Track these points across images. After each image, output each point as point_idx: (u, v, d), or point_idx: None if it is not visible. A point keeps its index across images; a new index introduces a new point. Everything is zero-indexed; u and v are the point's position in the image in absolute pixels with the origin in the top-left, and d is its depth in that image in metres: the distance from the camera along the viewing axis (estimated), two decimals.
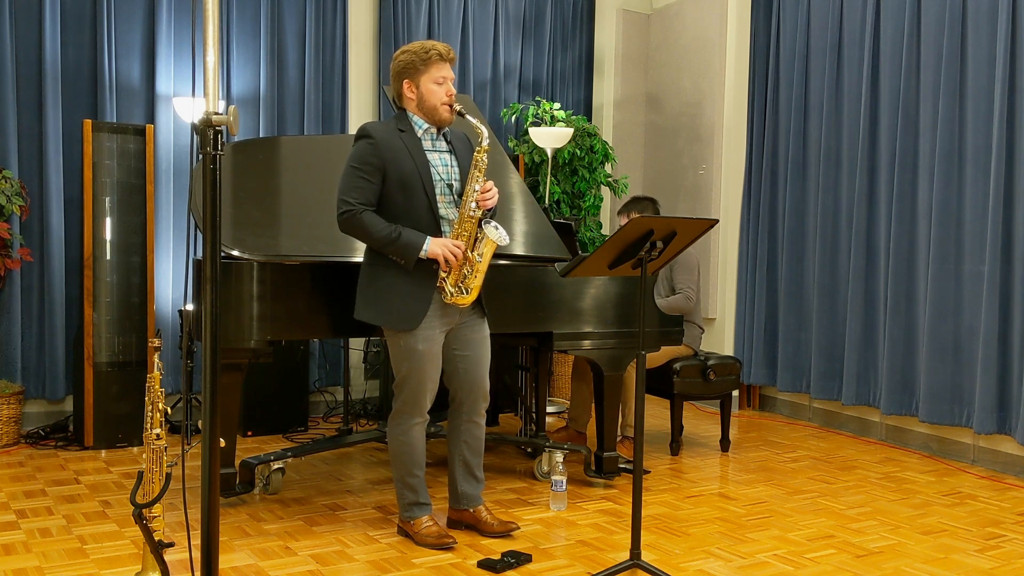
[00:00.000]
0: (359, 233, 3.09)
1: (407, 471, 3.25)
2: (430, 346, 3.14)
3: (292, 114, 5.47)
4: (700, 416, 5.76)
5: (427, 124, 3.18)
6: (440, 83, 3.13)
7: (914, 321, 4.88)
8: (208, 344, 1.90)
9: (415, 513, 3.28)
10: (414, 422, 3.23)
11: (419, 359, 3.14)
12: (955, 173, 4.65)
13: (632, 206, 4.72)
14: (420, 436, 3.25)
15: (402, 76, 3.17)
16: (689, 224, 2.99)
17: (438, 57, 3.12)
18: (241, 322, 3.44)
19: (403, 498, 3.29)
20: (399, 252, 3.06)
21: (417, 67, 3.13)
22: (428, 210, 3.11)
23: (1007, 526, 3.62)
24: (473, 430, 3.34)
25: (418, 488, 3.27)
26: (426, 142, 3.18)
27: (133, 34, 5.03)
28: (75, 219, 4.82)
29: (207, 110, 1.86)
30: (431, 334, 3.14)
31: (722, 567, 3.11)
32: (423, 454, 3.28)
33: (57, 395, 4.87)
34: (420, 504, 3.29)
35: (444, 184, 3.17)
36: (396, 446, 3.25)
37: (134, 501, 2.60)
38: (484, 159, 3.09)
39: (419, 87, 3.14)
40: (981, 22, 4.52)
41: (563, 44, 6.53)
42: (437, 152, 3.20)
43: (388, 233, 3.04)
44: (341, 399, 5.35)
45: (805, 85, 5.58)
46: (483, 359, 3.30)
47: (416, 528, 3.25)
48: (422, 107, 3.16)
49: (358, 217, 3.05)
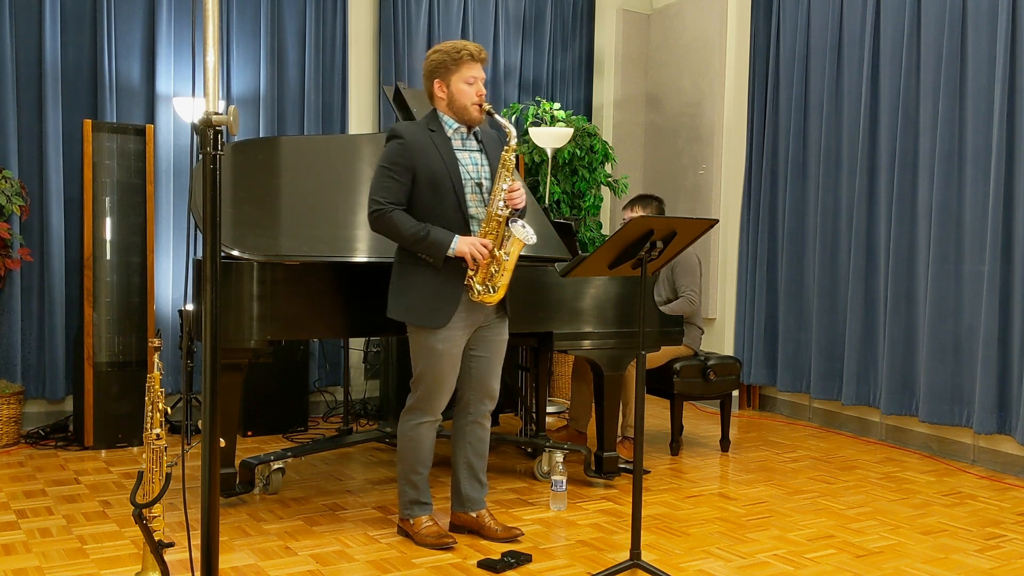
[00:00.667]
0: (389, 232, 3.10)
1: (411, 468, 3.25)
2: (450, 347, 3.14)
3: (292, 114, 5.47)
4: (700, 416, 5.76)
5: (457, 123, 3.19)
6: (471, 83, 3.13)
7: (914, 321, 4.88)
8: (208, 344, 1.90)
9: (415, 512, 3.28)
10: (424, 420, 3.22)
11: (437, 358, 3.13)
12: (955, 173, 4.65)
13: (638, 202, 4.73)
14: (428, 434, 3.25)
15: (433, 75, 3.18)
16: (689, 224, 2.99)
17: (469, 57, 3.13)
18: (241, 322, 3.44)
19: (404, 495, 3.29)
20: (427, 250, 3.06)
21: (448, 66, 3.14)
22: (457, 209, 3.12)
23: (1007, 526, 3.62)
24: (479, 432, 3.33)
25: (420, 486, 3.27)
26: (456, 141, 3.19)
27: (133, 34, 5.03)
28: (75, 219, 4.82)
29: (207, 110, 1.86)
30: (453, 335, 3.13)
31: (722, 567, 3.11)
32: (430, 453, 3.27)
33: (57, 395, 4.87)
34: (421, 503, 3.28)
35: (473, 183, 3.16)
36: (404, 441, 3.25)
37: (134, 501, 2.60)
38: (512, 158, 3.10)
39: (450, 86, 3.15)
40: (981, 22, 4.52)
41: (563, 44, 6.53)
42: (467, 151, 3.20)
43: (417, 231, 3.05)
44: (341, 399, 5.35)
45: (805, 85, 5.58)
46: (497, 362, 3.30)
47: (416, 527, 3.25)
48: (452, 106, 3.17)
49: (388, 216, 3.06)
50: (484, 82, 3.18)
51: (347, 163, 4.17)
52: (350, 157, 4.22)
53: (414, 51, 5.82)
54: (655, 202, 4.72)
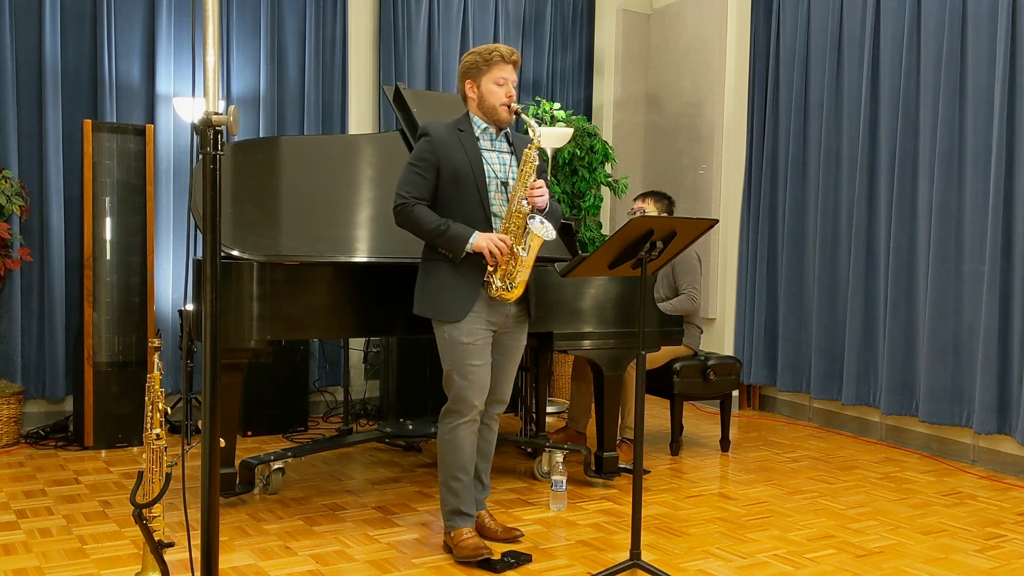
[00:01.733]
0: (411, 225, 3.11)
1: (450, 473, 3.15)
2: (475, 340, 3.10)
3: (292, 114, 5.47)
4: (700, 416, 5.76)
5: (486, 124, 3.21)
6: (501, 84, 3.15)
7: (914, 321, 4.88)
8: (208, 344, 1.90)
9: (456, 523, 3.15)
10: (460, 421, 3.13)
11: (463, 353, 3.10)
12: (955, 173, 4.65)
13: (650, 196, 4.76)
14: (467, 437, 3.14)
15: (465, 76, 3.21)
16: (689, 224, 2.99)
17: (500, 59, 3.15)
18: (241, 322, 3.44)
19: (445, 504, 3.17)
20: (446, 245, 3.07)
21: (480, 67, 3.16)
22: (479, 206, 3.12)
23: (1007, 526, 3.62)
24: (485, 433, 3.30)
25: (461, 493, 3.15)
26: (484, 141, 3.20)
27: (133, 34, 5.03)
28: (75, 219, 4.82)
29: (207, 110, 1.86)
30: (476, 328, 3.11)
31: (722, 567, 3.11)
32: (471, 457, 3.17)
33: (57, 395, 4.87)
34: (462, 514, 3.15)
35: (499, 182, 3.17)
36: (442, 446, 3.17)
37: (134, 501, 2.60)
38: (535, 155, 3.09)
39: (480, 87, 3.17)
40: (981, 22, 4.52)
41: (563, 44, 6.53)
42: (496, 152, 3.22)
43: (437, 226, 3.06)
44: (341, 399, 5.35)
45: (805, 85, 5.58)
46: (512, 366, 3.29)
47: (456, 540, 3.12)
48: (482, 107, 3.19)
49: (410, 210, 3.08)
50: (515, 84, 3.19)
51: (347, 163, 4.17)
52: (350, 157, 4.22)
53: (414, 51, 5.82)
54: (666, 200, 4.75)
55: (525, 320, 3.30)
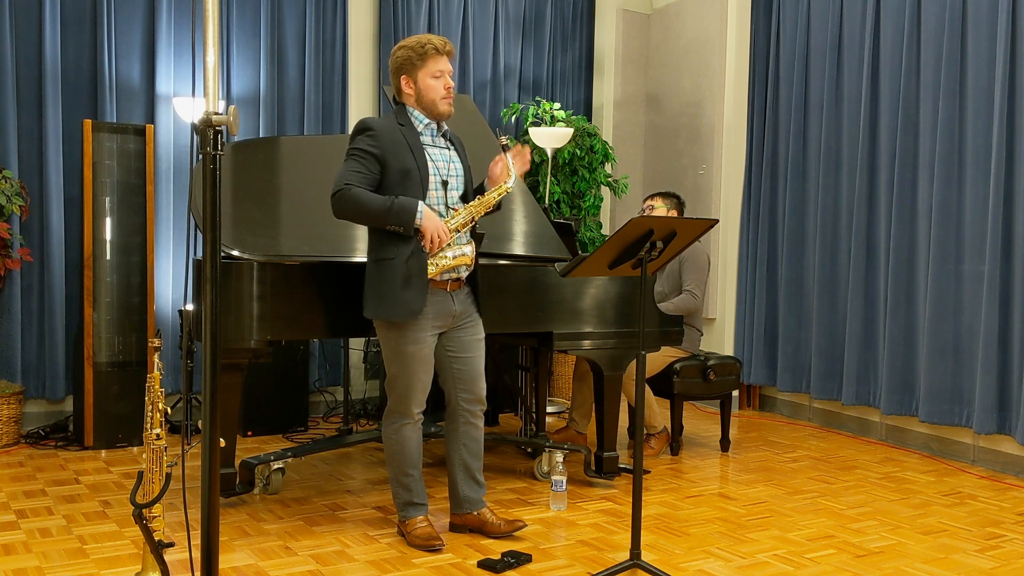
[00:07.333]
0: (352, 208, 3.03)
1: (400, 470, 3.25)
2: (419, 348, 3.13)
3: (292, 114, 5.47)
4: (700, 416, 5.76)
5: (427, 119, 3.19)
6: (438, 76, 3.13)
7: (914, 321, 4.88)
8: (208, 344, 1.90)
9: (409, 513, 3.27)
10: (404, 422, 3.22)
11: (408, 361, 3.13)
12: (955, 173, 4.65)
13: (659, 196, 4.80)
14: (412, 436, 3.23)
15: (400, 72, 3.17)
16: (689, 224, 3.00)
17: (434, 51, 3.11)
18: (241, 322, 3.44)
19: (398, 497, 3.29)
20: (396, 218, 3.02)
21: (414, 62, 3.12)
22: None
23: (1007, 526, 3.62)
24: (471, 432, 3.32)
25: (412, 487, 3.26)
26: (425, 137, 3.18)
27: (133, 34, 5.03)
28: (75, 219, 4.82)
29: (207, 110, 1.86)
30: (422, 336, 3.13)
31: (722, 567, 3.11)
32: (417, 454, 3.26)
33: (57, 395, 4.87)
34: (414, 504, 3.28)
35: (440, 180, 3.17)
36: (389, 445, 3.26)
37: (134, 501, 2.60)
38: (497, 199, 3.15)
39: (417, 82, 3.14)
40: (981, 22, 4.52)
41: (563, 44, 6.53)
42: (438, 148, 3.21)
43: (383, 202, 3.01)
44: (341, 399, 5.35)
45: (805, 85, 5.58)
46: (478, 361, 3.29)
47: (408, 528, 3.25)
48: (421, 102, 3.16)
49: (350, 191, 3.01)
50: (451, 75, 3.17)
51: None
52: None
53: None
54: (675, 199, 4.76)
55: (475, 313, 3.29)
